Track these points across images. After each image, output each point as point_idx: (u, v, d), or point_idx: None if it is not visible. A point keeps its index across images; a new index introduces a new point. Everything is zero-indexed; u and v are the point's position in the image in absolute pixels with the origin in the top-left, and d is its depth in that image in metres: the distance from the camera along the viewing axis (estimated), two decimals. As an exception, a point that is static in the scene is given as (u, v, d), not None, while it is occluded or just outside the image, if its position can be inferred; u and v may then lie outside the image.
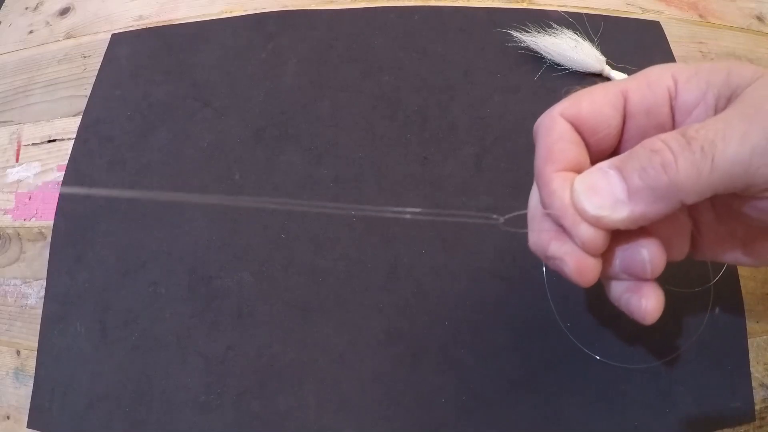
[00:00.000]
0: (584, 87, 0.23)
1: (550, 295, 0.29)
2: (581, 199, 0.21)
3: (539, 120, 0.23)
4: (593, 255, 0.21)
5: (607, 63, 0.38)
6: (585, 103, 0.22)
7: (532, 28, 0.40)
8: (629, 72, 0.38)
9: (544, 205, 0.22)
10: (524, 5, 0.43)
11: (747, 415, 0.30)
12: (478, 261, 0.34)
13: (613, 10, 0.42)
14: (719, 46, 0.41)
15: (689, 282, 0.28)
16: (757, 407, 0.30)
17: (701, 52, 0.41)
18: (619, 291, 0.24)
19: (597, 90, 0.23)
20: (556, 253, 0.22)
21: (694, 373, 0.31)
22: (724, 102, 0.21)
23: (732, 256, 0.25)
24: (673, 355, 0.31)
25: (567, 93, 0.23)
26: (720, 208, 0.24)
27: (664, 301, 0.23)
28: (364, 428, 0.31)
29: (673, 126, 0.22)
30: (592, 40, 0.39)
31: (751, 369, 0.31)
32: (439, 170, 0.37)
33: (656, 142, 0.20)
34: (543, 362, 0.32)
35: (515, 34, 0.40)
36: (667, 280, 0.27)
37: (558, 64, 0.39)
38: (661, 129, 0.22)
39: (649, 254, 0.22)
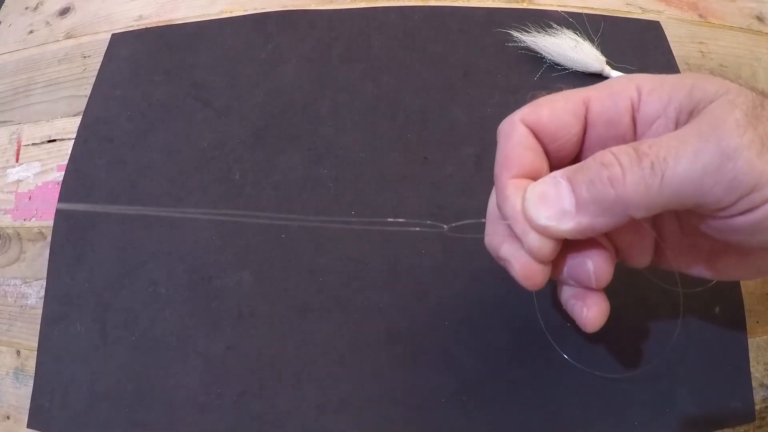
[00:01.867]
0: (549, 93, 0.23)
1: (537, 304, 0.29)
2: (530, 208, 0.21)
3: (501, 125, 0.24)
4: (541, 262, 0.22)
5: (607, 63, 0.38)
6: (545, 109, 0.22)
7: (532, 28, 0.40)
8: (629, 72, 0.38)
9: (498, 209, 0.23)
10: (524, 5, 0.43)
11: (747, 415, 0.30)
12: (478, 261, 0.34)
13: (613, 10, 0.42)
14: (719, 46, 0.41)
15: (691, 281, 0.28)
16: (757, 407, 0.30)
17: (701, 52, 0.41)
18: (566, 295, 0.24)
19: (559, 97, 0.23)
20: (506, 255, 0.23)
21: (694, 373, 0.31)
22: (685, 117, 0.21)
23: (696, 269, 0.25)
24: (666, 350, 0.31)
25: (532, 98, 0.23)
26: (683, 221, 0.24)
27: (608, 311, 0.23)
28: (364, 428, 0.31)
29: (635, 137, 0.22)
30: (592, 40, 0.39)
31: (751, 369, 0.31)
32: (439, 170, 0.37)
33: (606, 155, 0.20)
34: (543, 362, 0.32)
35: (515, 34, 0.40)
36: (666, 279, 0.27)
37: (558, 64, 0.39)
38: (621, 140, 0.22)
39: (593, 265, 0.22)
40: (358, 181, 0.37)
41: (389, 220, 0.35)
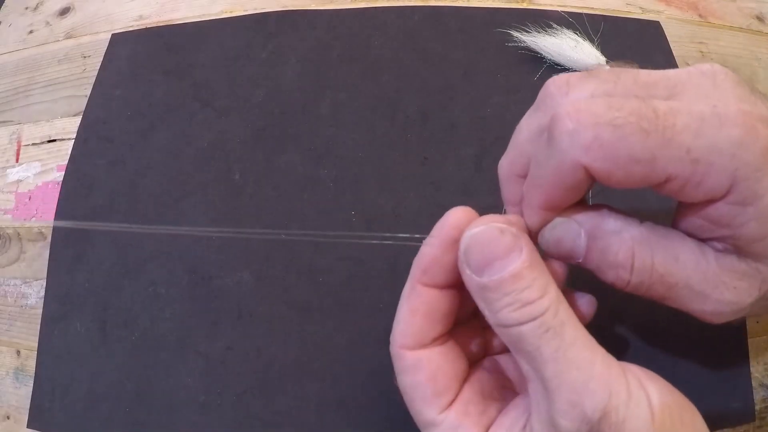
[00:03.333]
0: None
1: None
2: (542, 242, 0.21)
3: (562, 134, 0.19)
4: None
5: (607, 63, 0.38)
6: (619, 175, 0.19)
7: (532, 28, 0.40)
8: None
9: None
10: (524, 5, 0.43)
11: (747, 415, 0.30)
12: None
13: (613, 10, 0.42)
14: (719, 46, 0.41)
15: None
16: (757, 407, 0.30)
17: (701, 52, 0.41)
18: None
19: (639, 163, 0.18)
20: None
21: (694, 373, 0.31)
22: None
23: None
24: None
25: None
26: None
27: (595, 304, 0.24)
28: (364, 428, 0.31)
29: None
30: (592, 40, 0.39)
31: (751, 369, 0.31)
32: (439, 170, 0.37)
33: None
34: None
35: (515, 34, 0.40)
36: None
37: (558, 64, 0.39)
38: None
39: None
40: (358, 181, 0.37)
41: (366, 233, 0.35)
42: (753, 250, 0.19)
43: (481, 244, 0.19)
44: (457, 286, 0.21)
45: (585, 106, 0.18)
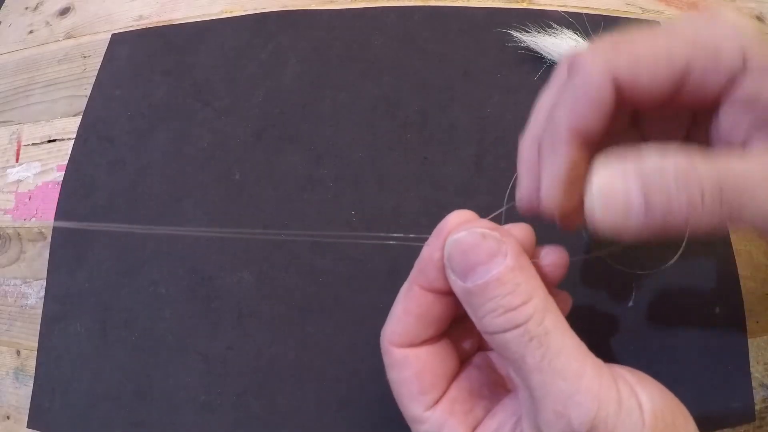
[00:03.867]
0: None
1: None
2: (595, 209, 0.18)
3: (587, 61, 0.20)
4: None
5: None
6: (645, 76, 0.19)
7: (532, 28, 0.40)
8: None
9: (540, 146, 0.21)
10: (524, 5, 0.43)
11: (747, 415, 0.30)
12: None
13: (613, 10, 0.42)
14: (719, 46, 0.41)
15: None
16: (757, 407, 0.30)
17: (701, 52, 0.41)
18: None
19: (658, 58, 0.19)
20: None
21: (694, 373, 0.31)
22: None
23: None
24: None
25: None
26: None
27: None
28: (364, 428, 0.31)
29: (718, 98, 0.20)
30: (592, 40, 0.39)
31: (751, 369, 0.31)
32: (439, 170, 0.37)
33: (690, 171, 0.17)
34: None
35: (515, 34, 0.40)
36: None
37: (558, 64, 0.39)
38: (699, 106, 0.20)
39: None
40: (358, 181, 0.37)
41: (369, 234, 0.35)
42: None
43: (464, 248, 0.19)
44: (452, 292, 0.20)
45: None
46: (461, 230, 0.19)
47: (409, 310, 0.21)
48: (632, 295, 0.32)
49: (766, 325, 0.32)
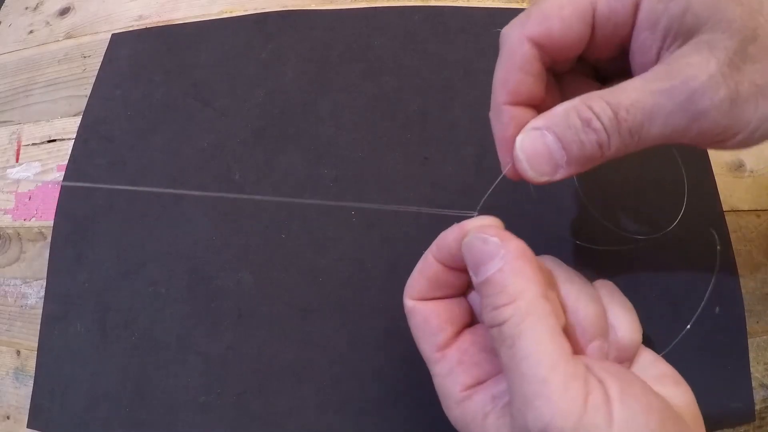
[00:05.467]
0: None
1: None
2: (527, 170, 0.22)
3: (506, 33, 0.23)
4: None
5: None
6: (556, 23, 0.22)
7: (532, 28, 0.40)
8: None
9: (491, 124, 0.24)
10: (524, 5, 0.43)
11: (747, 415, 0.30)
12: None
13: (613, 10, 0.42)
14: (719, 46, 0.41)
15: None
16: (757, 407, 0.30)
17: (701, 52, 0.41)
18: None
19: (565, 3, 0.22)
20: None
21: (694, 374, 0.31)
22: (671, 40, 0.21)
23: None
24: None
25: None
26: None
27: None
28: (364, 428, 0.31)
29: (630, 39, 0.22)
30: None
31: (751, 369, 0.31)
32: (439, 170, 0.37)
33: (588, 113, 0.20)
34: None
35: (515, 34, 0.40)
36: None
37: (558, 64, 0.39)
38: (620, 41, 0.23)
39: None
40: (358, 181, 0.37)
41: (415, 208, 0.35)
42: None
43: (470, 250, 0.21)
44: (460, 269, 0.23)
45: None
46: (473, 234, 0.22)
47: (422, 272, 0.24)
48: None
49: (766, 325, 0.32)
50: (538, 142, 0.21)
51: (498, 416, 0.21)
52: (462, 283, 0.24)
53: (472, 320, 0.25)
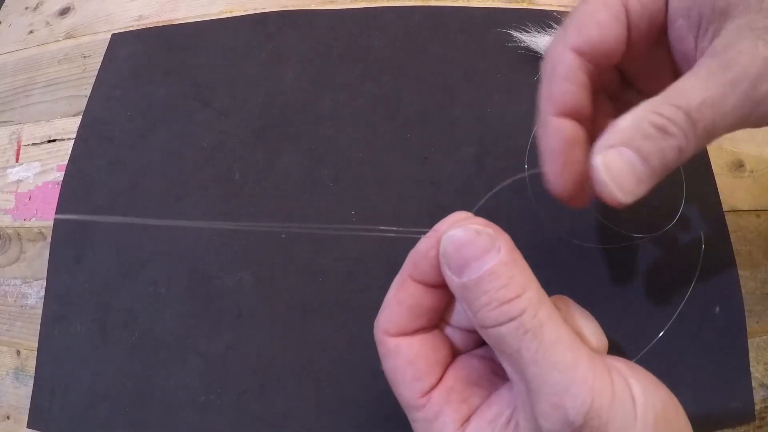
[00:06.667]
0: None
1: None
2: (613, 190, 0.20)
3: (548, 49, 0.23)
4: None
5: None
6: (593, 29, 0.22)
7: (532, 28, 0.40)
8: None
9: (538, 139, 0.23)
10: (524, 5, 0.43)
11: (747, 415, 0.30)
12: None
13: (613, 10, 0.42)
14: (719, 46, 0.41)
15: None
16: (757, 407, 0.30)
17: (701, 52, 0.41)
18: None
19: (598, 8, 0.22)
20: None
21: (694, 373, 0.31)
22: (705, 26, 0.21)
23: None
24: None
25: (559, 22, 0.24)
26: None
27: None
28: (364, 428, 0.31)
29: (666, 33, 0.23)
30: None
31: (751, 369, 0.31)
32: (439, 170, 0.37)
33: (667, 124, 0.20)
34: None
35: (515, 34, 0.40)
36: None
37: (558, 64, 0.39)
38: (656, 36, 0.23)
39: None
40: (358, 181, 0.37)
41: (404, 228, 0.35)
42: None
43: (459, 245, 0.19)
44: (444, 285, 0.21)
45: None
46: (456, 227, 0.20)
47: (401, 301, 0.21)
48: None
49: (766, 325, 0.32)
50: (619, 160, 0.20)
51: None
52: (441, 307, 0.22)
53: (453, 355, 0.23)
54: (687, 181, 0.34)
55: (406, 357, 0.21)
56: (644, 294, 0.32)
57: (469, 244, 0.19)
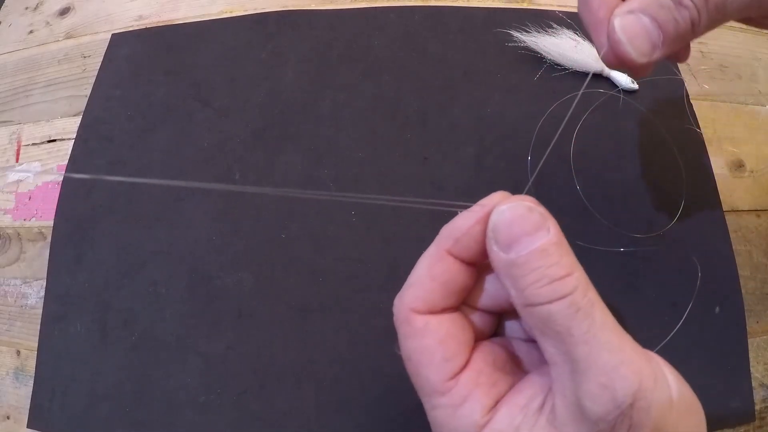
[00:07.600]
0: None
1: None
2: (628, 49, 0.23)
3: None
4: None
5: (607, 63, 0.38)
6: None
7: (532, 28, 0.40)
8: (629, 73, 0.38)
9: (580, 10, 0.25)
10: (524, 5, 0.43)
11: (747, 415, 0.30)
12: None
13: (613, 10, 0.42)
14: (719, 46, 0.41)
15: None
16: (757, 407, 0.30)
17: (701, 52, 0.41)
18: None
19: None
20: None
21: (694, 373, 0.31)
22: None
23: None
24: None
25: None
26: None
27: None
28: (364, 428, 0.31)
29: None
30: (591, 41, 0.39)
31: (751, 369, 0.31)
32: (439, 170, 0.37)
33: None
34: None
35: (515, 34, 0.40)
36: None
37: (558, 64, 0.39)
38: None
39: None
40: (358, 181, 0.37)
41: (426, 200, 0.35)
42: None
43: (510, 220, 0.19)
44: (477, 265, 0.21)
45: None
46: (507, 203, 0.19)
47: (435, 276, 0.21)
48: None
49: (766, 325, 0.32)
50: (636, 24, 0.23)
51: (532, 424, 0.19)
52: (470, 287, 0.22)
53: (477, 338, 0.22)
54: (687, 181, 0.34)
55: (436, 335, 0.20)
56: (645, 294, 0.32)
57: (521, 220, 0.19)
